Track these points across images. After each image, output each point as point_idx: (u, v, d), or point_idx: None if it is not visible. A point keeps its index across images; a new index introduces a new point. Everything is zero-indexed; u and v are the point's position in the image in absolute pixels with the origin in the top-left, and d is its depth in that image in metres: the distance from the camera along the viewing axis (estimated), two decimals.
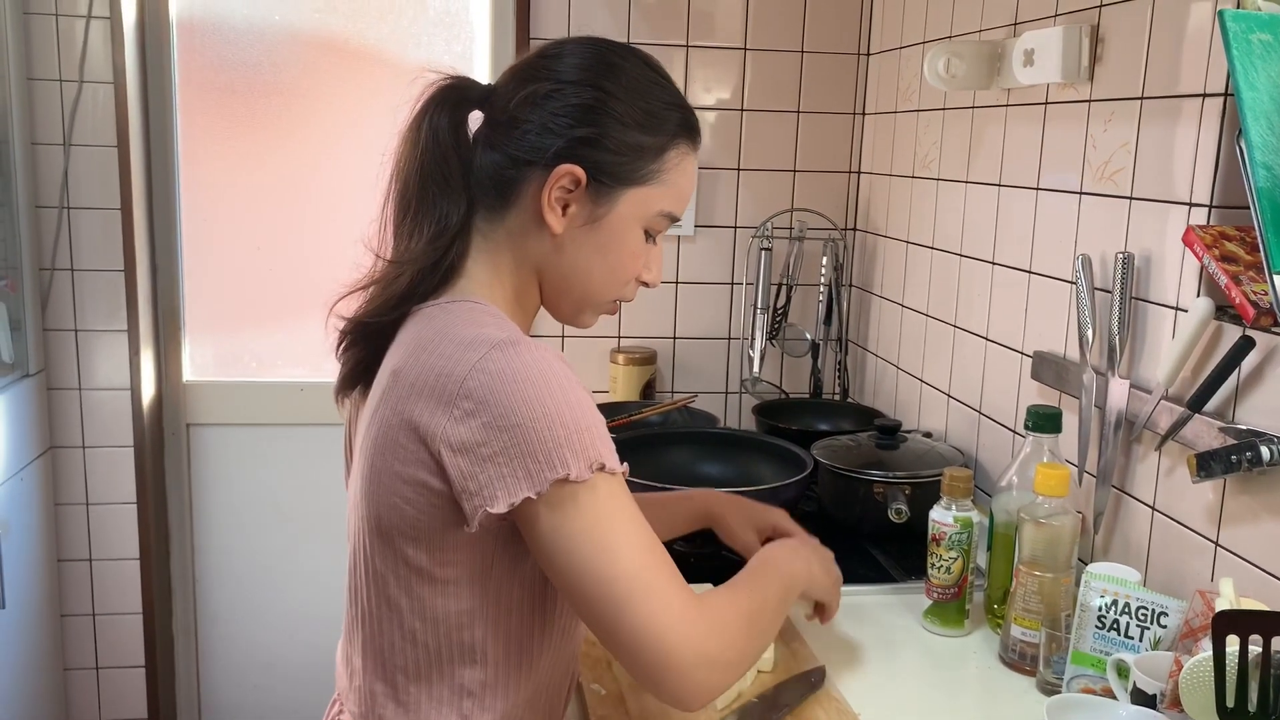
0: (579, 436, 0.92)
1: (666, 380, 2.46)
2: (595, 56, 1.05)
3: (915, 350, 2.12)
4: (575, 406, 0.93)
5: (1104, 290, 1.44)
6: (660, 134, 1.05)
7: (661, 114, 1.05)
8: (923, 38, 2.08)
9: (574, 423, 0.92)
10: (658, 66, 1.09)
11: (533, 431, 0.91)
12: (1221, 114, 1.24)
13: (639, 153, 1.04)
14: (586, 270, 1.08)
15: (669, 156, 1.06)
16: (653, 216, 1.08)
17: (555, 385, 0.93)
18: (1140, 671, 1.10)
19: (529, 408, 0.91)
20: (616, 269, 1.08)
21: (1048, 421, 1.42)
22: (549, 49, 1.08)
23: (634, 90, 1.04)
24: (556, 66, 1.05)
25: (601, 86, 1.03)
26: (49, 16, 2.19)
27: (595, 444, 0.93)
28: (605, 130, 1.02)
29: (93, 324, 2.30)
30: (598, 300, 1.11)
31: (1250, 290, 1.16)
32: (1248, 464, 1.13)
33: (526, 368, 0.93)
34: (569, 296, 1.10)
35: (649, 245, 1.10)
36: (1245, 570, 1.19)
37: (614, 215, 1.05)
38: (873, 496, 1.70)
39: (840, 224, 2.42)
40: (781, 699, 1.22)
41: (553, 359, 0.95)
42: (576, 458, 0.91)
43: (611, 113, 1.03)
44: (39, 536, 2.28)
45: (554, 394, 0.92)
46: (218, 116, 2.38)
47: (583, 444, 0.92)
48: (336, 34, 2.37)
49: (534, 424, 0.91)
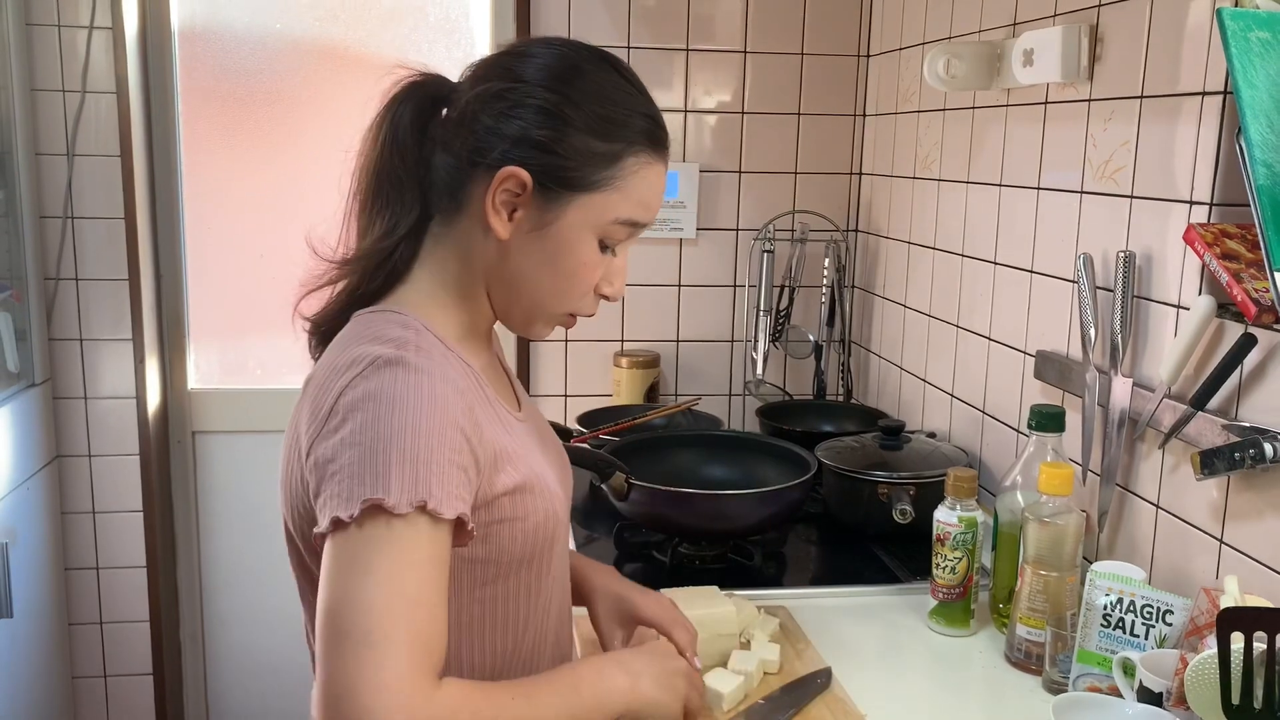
0: (413, 467, 0.85)
1: (670, 383, 2.46)
2: (561, 59, 1.01)
3: (918, 351, 2.12)
4: (425, 435, 0.87)
5: (1106, 289, 1.44)
6: (617, 140, 0.99)
7: (621, 120, 1.00)
8: (922, 39, 2.08)
9: (413, 451, 0.86)
10: (629, 74, 1.04)
11: (370, 452, 0.86)
12: (1221, 112, 1.25)
13: (590, 158, 0.99)
14: (535, 279, 1.02)
15: (626, 163, 1.00)
16: (607, 225, 1.01)
17: (412, 409, 0.88)
18: (1146, 670, 1.11)
19: (377, 428, 0.87)
20: (567, 279, 1.02)
21: (1051, 420, 1.42)
22: (519, 46, 1.04)
23: (593, 95, 0.99)
24: (519, 66, 1.00)
25: (557, 89, 0.98)
26: (51, 28, 2.19)
27: (429, 479, 0.86)
28: (555, 133, 0.97)
29: (98, 333, 2.31)
30: (550, 311, 1.05)
31: (1251, 287, 1.16)
32: (1251, 461, 1.13)
33: (393, 388, 0.89)
34: (518, 306, 1.05)
35: (606, 256, 1.04)
36: (1250, 567, 1.19)
37: (563, 223, 1.00)
38: (877, 497, 1.70)
39: (842, 225, 2.42)
40: (788, 699, 1.22)
41: (432, 383, 0.90)
42: (402, 487, 0.84)
43: (564, 116, 0.98)
44: (46, 545, 2.29)
45: (406, 418, 0.87)
46: (220, 125, 2.39)
47: (415, 475, 0.85)
48: (337, 41, 2.38)
49: (374, 444, 0.86)
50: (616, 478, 1.61)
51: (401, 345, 0.94)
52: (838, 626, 1.44)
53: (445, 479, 0.87)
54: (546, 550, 1.05)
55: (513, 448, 1.00)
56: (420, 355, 0.93)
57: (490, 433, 0.97)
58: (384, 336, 0.95)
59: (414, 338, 0.96)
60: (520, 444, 1.03)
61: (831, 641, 1.38)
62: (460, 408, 0.92)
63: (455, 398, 0.92)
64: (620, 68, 1.04)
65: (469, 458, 0.91)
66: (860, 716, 1.20)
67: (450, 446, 0.89)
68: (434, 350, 0.96)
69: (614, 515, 1.71)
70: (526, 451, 1.03)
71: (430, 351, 0.95)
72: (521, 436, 1.05)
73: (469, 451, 0.91)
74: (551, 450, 1.15)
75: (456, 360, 0.99)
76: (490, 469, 0.96)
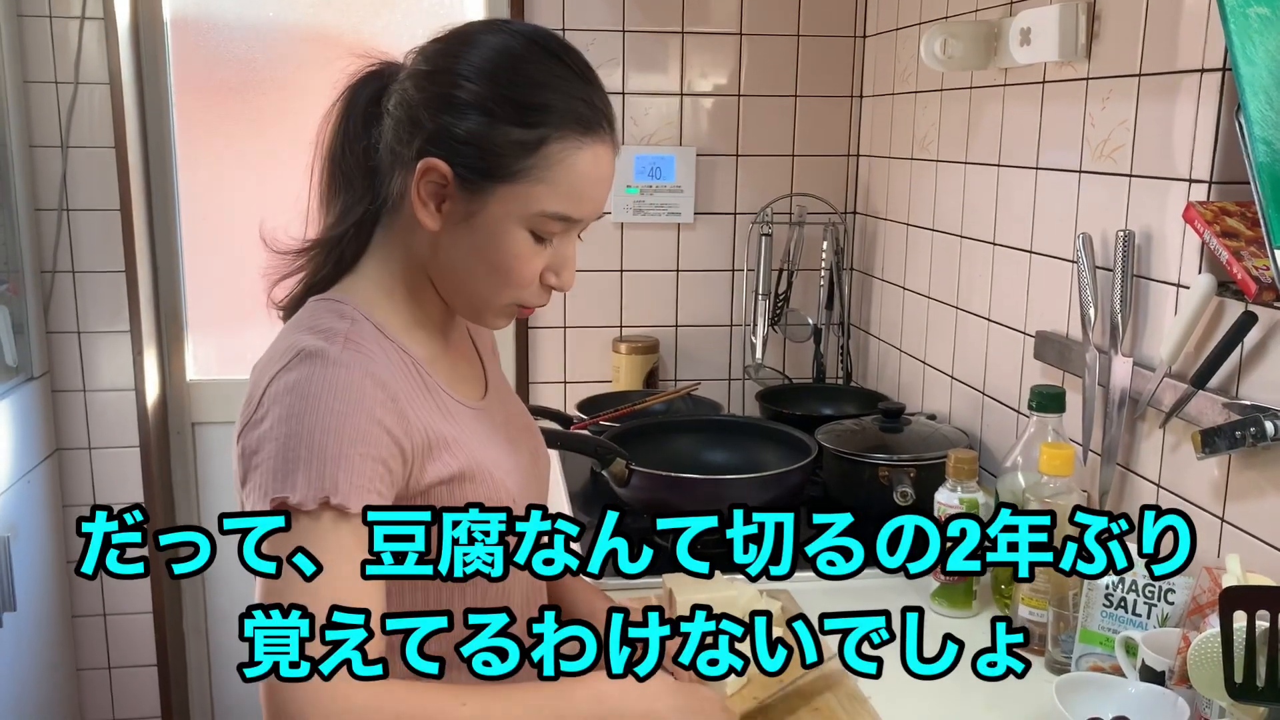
0: (320, 463, 0.87)
1: (669, 368, 2.46)
2: (495, 49, 0.98)
3: (918, 333, 2.11)
4: (334, 431, 0.88)
5: (1105, 269, 1.44)
6: (541, 127, 0.96)
7: (544, 104, 0.96)
8: (919, 19, 2.07)
9: (322, 448, 0.87)
10: (571, 58, 1.00)
11: (285, 447, 0.87)
12: (1220, 89, 1.24)
13: (509, 147, 0.96)
14: (468, 271, 1.01)
15: (549, 150, 0.96)
16: (533, 217, 0.98)
17: (325, 406, 0.89)
18: (1148, 649, 1.11)
19: (291, 424, 0.88)
20: (501, 272, 1.00)
21: (1051, 401, 1.41)
22: (458, 32, 1.02)
23: (519, 82, 0.96)
24: (450, 53, 0.99)
25: (480, 79, 0.96)
26: (43, 19, 2.18)
27: (335, 475, 0.87)
28: (472, 124, 0.95)
29: (95, 325, 2.30)
30: (493, 303, 1.04)
31: (1252, 265, 1.16)
32: (1252, 439, 1.13)
33: (314, 382, 0.90)
34: (461, 297, 1.04)
35: (543, 247, 1.01)
36: (1252, 546, 1.19)
37: (487, 214, 0.98)
38: (878, 480, 1.70)
39: (840, 208, 2.41)
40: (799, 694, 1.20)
41: (350, 376, 0.91)
42: (308, 484, 0.86)
43: (483, 106, 0.95)
44: (48, 538, 2.29)
45: (318, 415, 0.88)
46: (214, 114, 2.38)
47: (320, 471, 0.87)
48: (331, 28, 2.37)
49: (287, 441, 0.87)
50: (617, 464, 1.61)
51: (330, 337, 0.95)
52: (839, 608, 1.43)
53: (354, 473, 0.88)
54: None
55: (453, 435, 1.00)
56: (347, 347, 0.94)
57: (422, 421, 0.97)
58: (318, 327, 0.97)
59: (347, 328, 0.97)
60: (466, 432, 1.03)
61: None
62: (380, 400, 0.92)
63: (375, 391, 0.92)
64: (562, 53, 1.00)
65: (389, 450, 0.92)
66: (864, 699, 1.20)
67: (362, 440, 0.89)
68: (365, 341, 0.97)
69: (615, 502, 1.71)
70: (472, 440, 1.03)
71: (360, 343, 0.96)
72: (469, 425, 1.05)
73: (390, 444, 0.92)
74: (518, 442, 1.14)
75: (394, 350, 1.00)
76: (422, 456, 0.96)
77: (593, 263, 2.35)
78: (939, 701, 1.23)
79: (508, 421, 1.15)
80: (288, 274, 1.07)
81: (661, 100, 2.34)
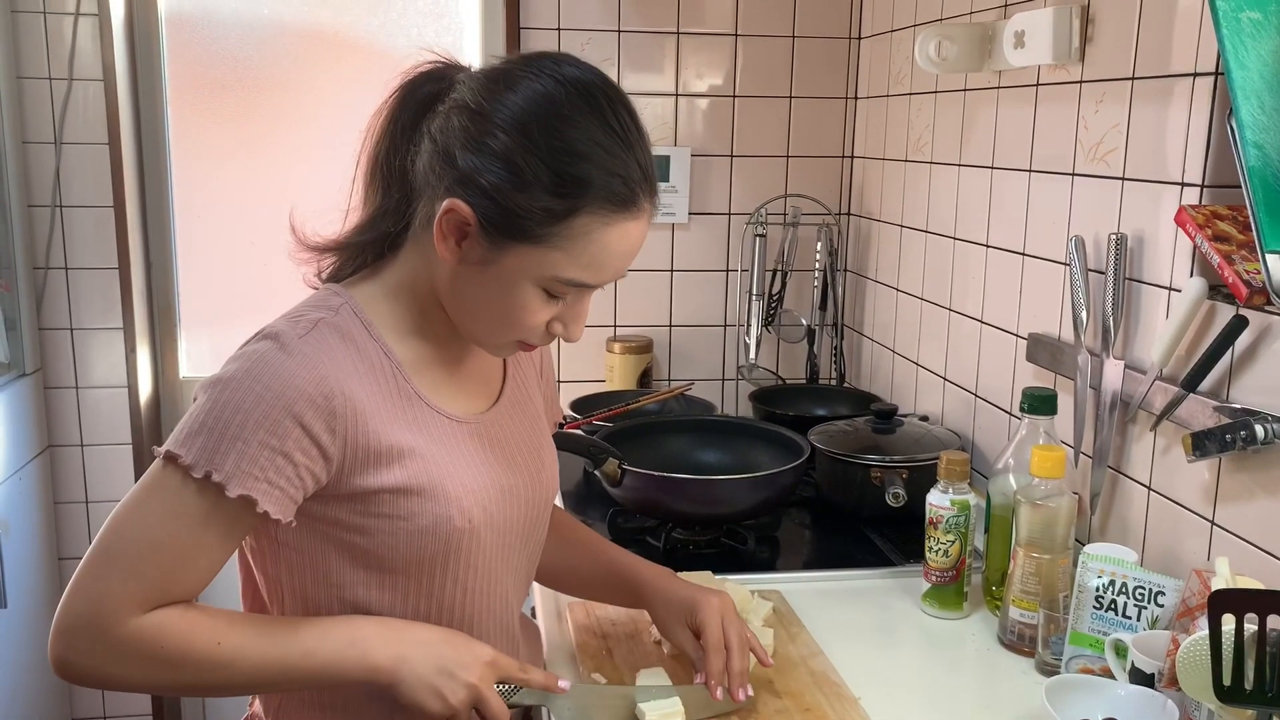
0: (218, 439, 0.91)
1: (663, 368, 2.46)
2: (539, 99, 0.95)
3: (911, 334, 2.12)
4: (246, 414, 0.92)
5: (1097, 271, 1.44)
6: (572, 198, 0.94)
7: (583, 178, 0.94)
8: (913, 20, 2.07)
9: (227, 424, 0.92)
10: (619, 123, 0.96)
11: (201, 407, 0.93)
12: (1212, 93, 1.24)
13: (535, 214, 0.94)
14: (474, 310, 1.02)
15: (576, 223, 0.95)
16: (547, 279, 0.98)
17: (249, 387, 0.92)
18: (1138, 651, 1.11)
19: (218, 391, 0.93)
20: (504, 318, 1.01)
21: (1043, 403, 1.42)
22: (509, 68, 0.98)
23: (558, 148, 0.93)
24: (494, 95, 0.96)
25: (519, 134, 0.94)
26: (37, 14, 2.18)
27: (227, 454, 0.91)
28: (503, 181, 0.94)
29: (88, 322, 2.30)
30: (494, 340, 1.05)
31: (1243, 269, 1.16)
32: (1242, 443, 1.13)
33: (253, 361, 0.94)
34: (465, 326, 1.05)
35: (553, 303, 1.01)
36: (1241, 548, 1.19)
37: (502, 265, 0.98)
38: (870, 481, 1.70)
39: (834, 209, 2.41)
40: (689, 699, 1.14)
41: (290, 368, 0.94)
42: (201, 452, 0.91)
43: (518, 166, 0.93)
44: (39, 535, 2.29)
45: (242, 394, 0.92)
46: (208, 111, 2.38)
47: (216, 446, 0.91)
48: (326, 26, 2.37)
49: (207, 402, 0.93)
50: (609, 463, 1.61)
51: (296, 323, 0.98)
52: (831, 610, 1.44)
53: (249, 460, 0.92)
54: (447, 558, 1.04)
55: (415, 447, 1.01)
56: (306, 338, 0.96)
57: (375, 426, 0.98)
58: (296, 312, 1.01)
59: (319, 318, 0.99)
60: (437, 446, 1.03)
61: (825, 625, 1.39)
62: (308, 397, 0.94)
63: (307, 386, 0.94)
64: (609, 110, 0.96)
65: (301, 445, 0.94)
66: (853, 699, 1.20)
67: (268, 430, 0.92)
68: (335, 335, 0.99)
69: (608, 501, 1.71)
70: (441, 455, 1.03)
71: (326, 335, 0.98)
72: (444, 438, 1.04)
73: (303, 439, 0.94)
74: (515, 464, 1.12)
75: (374, 350, 1.01)
76: (361, 461, 0.98)
77: None
78: (929, 703, 1.23)
79: (509, 440, 1.12)
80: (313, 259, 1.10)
81: (656, 100, 2.34)
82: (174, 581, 0.94)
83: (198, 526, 0.93)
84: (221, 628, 0.96)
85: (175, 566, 0.94)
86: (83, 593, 0.92)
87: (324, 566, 1.02)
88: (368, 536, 1.01)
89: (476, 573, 1.07)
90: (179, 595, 0.95)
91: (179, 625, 0.94)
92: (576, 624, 1.37)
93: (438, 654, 1.00)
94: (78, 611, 0.92)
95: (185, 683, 0.97)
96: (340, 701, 1.06)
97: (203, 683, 0.97)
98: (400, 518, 1.00)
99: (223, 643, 0.95)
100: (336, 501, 0.99)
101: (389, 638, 0.99)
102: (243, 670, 0.96)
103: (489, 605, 1.11)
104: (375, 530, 1.00)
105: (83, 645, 0.93)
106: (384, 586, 1.03)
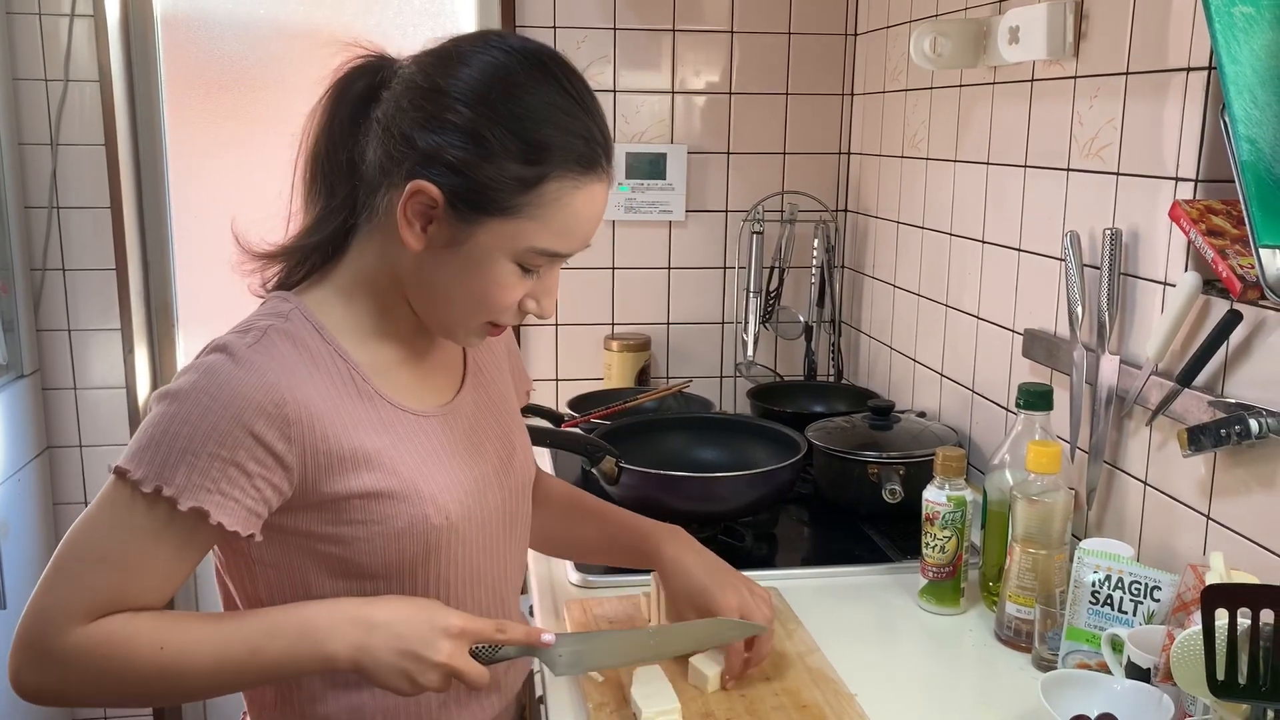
0: (166, 452, 0.90)
1: (661, 366, 2.46)
2: (492, 70, 0.95)
3: (908, 330, 2.12)
4: (195, 426, 0.91)
5: (1093, 266, 1.44)
6: (540, 164, 0.94)
7: (546, 142, 0.94)
8: (909, 17, 2.07)
9: (175, 436, 0.90)
10: (572, 83, 0.97)
11: (151, 421, 0.92)
12: (1206, 88, 1.25)
13: (505, 184, 0.94)
14: (446, 294, 1.00)
15: (546, 189, 0.95)
16: (521, 252, 0.97)
17: (197, 399, 0.91)
18: (1134, 646, 1.11)
19: (167, 402, 0.92)
20: (479, 298, 1.00)
21: (1039, 399, 1.42)
22: (453, 47, 0.97)
23: (519, 114, 0.93)
24: (446, 72, 0.95)
25: (478, 107, 0.93)
26: (32, 16, 2.18)
27: (176, 467, 0.90)
28: (468, 155, 0.93)
29: (86, 323, 2.30)
30: (467, 324, 1.03)
31: (1237, 264, 1.17)
32: (1237, 437, 1.13)
33: (202, 374, 0.93)
34: (435, 315, 1.03)
35: (527, 278, 1.00)
36: (1236, 543, 1.20)
37: (474, 244, 0.96)
38: (867, 477, 1.70)
39: (831, 205, 2.41)
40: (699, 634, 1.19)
41: (239, 378, 0.92)
42: (151, 466, 0.90)
43: (481, 138, 0.93)
44: (38, 536, 2.29)
45: (190, 405, 0.91)
46: (205, 112, 2.38)
47: (166, 459, 0.90)
48: (321, 26, 2.37)
49: (156, 416, 0.92)
50: (606, 461, 1.61)
51: (247, 333, 0.97)
52: (828, 606, 1.44)
53: (195, 471, 0.90)
54: (427, 558, 1.03)
55: (381, 449, 0.99)
56: (255, 347, 0.95)
57: (336, 431, 0.96)
58: (245, 323, 1.00)
59: (269, 325, 0.98)
60: (403, 445, 1.01)
61: (822, 621, 1.39)
62: (258, 405, 0.92)
63: (257, 395, 0.92)
64: (562, 77, 0.97)
65: (254, 455, 0.92)
66: (850, 695, 1.20)
67: (218, 441, 0.91)
68: (287, 341, 0.98)
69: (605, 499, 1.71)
70: (408, 455, 1.01)
71: (276, 343, 0.97)
72: (409, 437, 1.03)
73: (256, 448, 0.92)
74: (482, 450, 1.11)
75: (329, 354, 1.00)
76: (329, 468, 0.96)
77: (584, 260, 2.33)
78: (925, 699, 1.23)
79: (475, 428, 1.11)
80: (257, 269, 1.08)
81: (653, 98, 2.34)
82: (122, 595, 0.92)
83: (148, 540, 0.92)
84: (164, 630, 0.93)
85: (123, 580, 0.92)
86: (32, 608, 0.92)
87: (303, 581, 1.00)
88: (343, 545, 0.99)
89: (460, 568, 1.06)
90: (129, 608, 0.93)
91: (121, 632, 0.92)
92: (574, 621, 1.37)
93: (397, 635, 0.94)
94: (26, 626, 0.92)
95: (135, 693, 0.95)
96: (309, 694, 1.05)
97: (153, 692, 0.95)
98: (375, 522, 0.98)
99: (165, 647, 0.92)
100: (306, 512, 0.97)
101: (341, 624, 0.94)
102: (192, 675, 0.93)
103: (478, 599, 1.09)
104: (350, 538, 0.99)
105: (31, 659, 0.91)
106: (365, 593, 1.01)
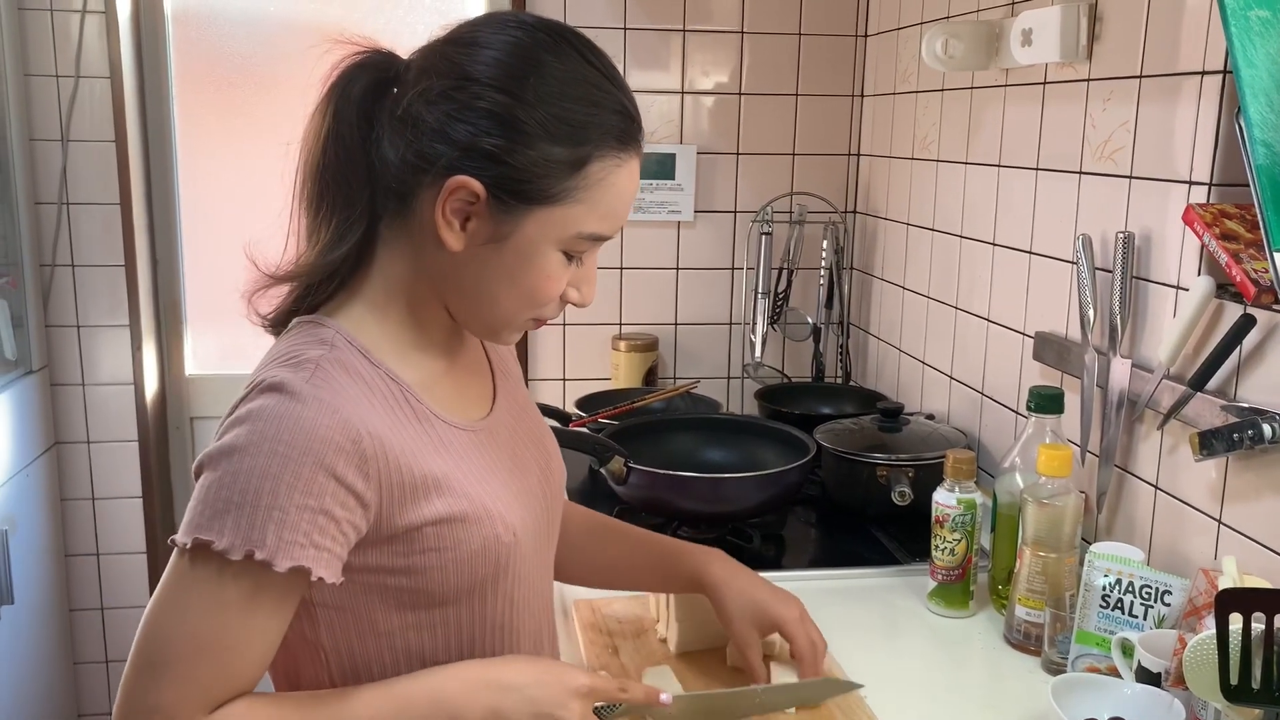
0: (252, 512, 0.82)
1: (669, 366, 2.46)
2: (517, 51, 0.90)
3: (917, 332, 2.11)
4: (276, 478, 0.82)
5: (1105, 270, 1.44)
6: (582, 144, 0.89)
7: (584, 120, 0.89)
8: (920, 18, 2.07)
9: (257, 493, 0.82)
10: (596, 57, 0.93)
11: (220, 482, 0.83)
12: (1221, 92, 1.24)
13: (550, 168, 0.89)
14: (493, 292, 0.94)
15: (591, 171, 0.90)
16: (570, 239, 0.92)
17: (272, 447, 0.83)
18: (1145, 650, 1.11)
19: (234, 458, 0.84)
20: (527, 293, 0.94)
21: (1050, 402, 1.42)
22: (468, 33, 0.93)
23: (555, 94, 0.89)
24: (468, 59, 0.90)
25: (514, 90, 0.88)
26: (44, 12, 2.18)
27: (265, 527, 0.82)
28: (508, 142, 0.88)
29: (94, 319, 2.30)
30: (513, 321, 0.98)
31: (1251, 268, 1.16)
32: (1249, 442, 1.13)
33: (266, 419, 0.84)
34: (478, 318, 0.98)
35: (570, 266, 0.95)
36: (1248, 548, 1.19)
37: (520, 236, 0.91)
38: (876, 480, 1.70)
39: (840, 207, 2.41)
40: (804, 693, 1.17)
41: (310, 416, 0.84)
42: (237, 532, 0.82)
43: (520, 121, 0.88)
44: (46, 532, 2.29)
45: (263, 455, 0.83)
46: (215, 109, 2.38)
47: (251, 520, 0.82)
48: (332, 24, 2.37)
49: (225, 475, 0.83)
50: (615, 461, 1.61)
51: (299, 367, 0.88)
52: (837, 608, 1.44)
53: (286, 526, 0.83)
54: (497, 577, 0.98)
55: (446, 473, 0.94)
56: (314, 380, 0.87)
57: (406, 459, 0.90)
58: (290, 354, 0.90)
59: (320, 356, 0.90)
60: (464, 466, 0.96)
61: (830, 623, 1.38)
62: (336, 444, 0.85)
63: (332, 434, 0.85)
64: (585, 50, 0.93)
65: (339, 498, 0.86)
66: (860, 699, 1.20)
67: (303, 490, 0.83)
68: (342, 370, 0.90)
69: (613, 499, 1.71)
70: (470, 475, 0.96)
71: (332, 374, 0.89)
72: (467, 455, 0.98)
73: (340, 491, 0.85)
74: (524, 461, 1.06)
75: (379, 377, 0.93)
76: (400, 499, 0.90)
77: None
78: (934, 701, 1.23)
79: (514, 438, 1.07)
80: (268, 287, 1.00)
81: (662, 98, 2.33)
82: (231, 677, 0.85)
83: (244, 613, 0.84)
84: (291, 716, 0.87)
85: (229, 661, 0.85)
86: (139, 712, 0.83)
87: (369, 618, 0.94)
88: (414, 576, 0.93)
89: (523, 584, 1.02)
90: (239, 689, 0.86)
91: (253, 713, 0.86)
92: (583, 622, 1.37)
93: (531, 699, 0.92)
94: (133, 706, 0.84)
95: None
96: None
97: None
98: (448, 548, 0.93)
99: None
100: (376, 547, 0.91)
101: (474, 689, 0.91)
102: None
103: (532, 612, 1.05)
104: (423, 568, 0.93)
105: None
106: (434, 623, 0.96)
